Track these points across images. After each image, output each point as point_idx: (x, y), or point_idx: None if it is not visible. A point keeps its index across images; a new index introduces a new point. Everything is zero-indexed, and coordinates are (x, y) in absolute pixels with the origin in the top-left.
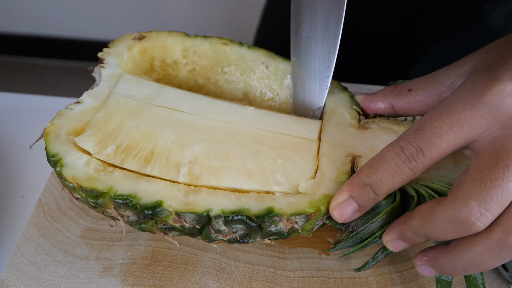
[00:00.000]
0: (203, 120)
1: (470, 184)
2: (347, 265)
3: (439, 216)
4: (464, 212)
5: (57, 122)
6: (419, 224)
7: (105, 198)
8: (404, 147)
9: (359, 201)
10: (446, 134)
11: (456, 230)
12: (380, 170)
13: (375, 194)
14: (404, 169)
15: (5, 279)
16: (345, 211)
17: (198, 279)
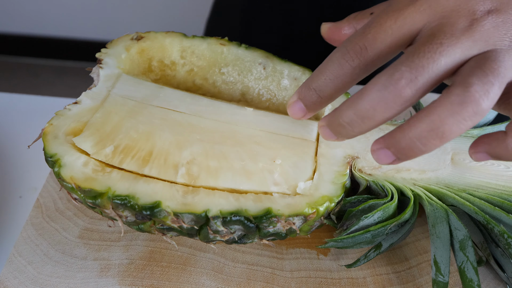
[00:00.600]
0: (201, 121)
1: (403, 56)
2: (341, 265)
3: (369, 88)
4: (395, 76)
5: (55, 123)
6: (351, 102)
7: (103, 199)
8: (349, 46)
9: (305, 102)
10: (390, 28)
11: (386, 98)
12: (324, 72)
13: (319, 97)
14: (346, 68)
15: (3, 279)
16: (294, 110)
17: (196, 279)
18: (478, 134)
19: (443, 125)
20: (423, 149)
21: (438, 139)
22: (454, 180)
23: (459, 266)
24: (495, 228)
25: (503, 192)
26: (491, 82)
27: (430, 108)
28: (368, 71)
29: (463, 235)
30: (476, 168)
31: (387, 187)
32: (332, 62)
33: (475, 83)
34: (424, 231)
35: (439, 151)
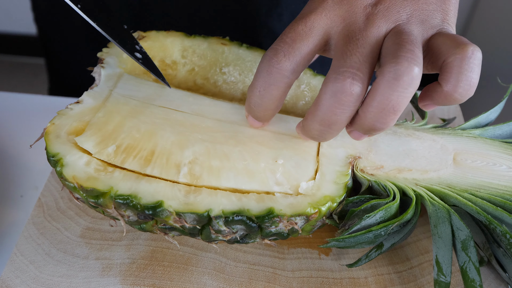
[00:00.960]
0: (203, 121)
1: (335, 62)
2: (342, 264)
3: (322, 98)
4: (339, 79)
5: (57, 122)
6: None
7: (106, 198)
8: (272, 53)
9: (255, 117)
10: (303, 31)
11: (340, 101)
12: (256, 86)
13: (261, 110)
14: (275, 73)
15: (5, 278)
16: (251, 122)
17: (197, 279)
18: (480, 134)
19: (390, 102)
20: (384, 126)
21: (392, 113)
22: (456, 180)
23: (461, 266)
24: (497, 228)
25: (505, 193)
26: (411, 49)
27: (373, 92)
28: (296, 72)
29: (465, 235)
30: (478, 168)
31: (389, 187)
32: (260, 71)
33: (399, 55)
34: (425, 231)
35: (440, 151)
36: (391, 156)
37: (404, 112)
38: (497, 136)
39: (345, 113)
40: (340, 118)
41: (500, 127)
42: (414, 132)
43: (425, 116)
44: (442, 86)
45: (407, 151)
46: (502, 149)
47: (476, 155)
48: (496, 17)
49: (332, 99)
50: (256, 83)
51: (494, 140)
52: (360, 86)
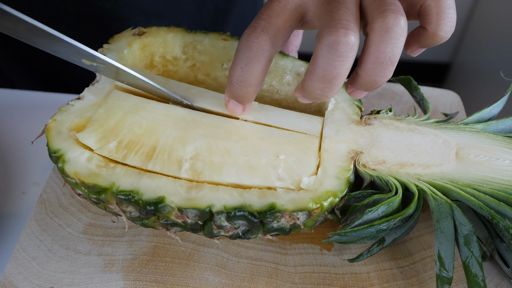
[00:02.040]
0: (205, 116)
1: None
2: (344, 259)
3: (319, 54)
4: (332, 31)
5: (58, 118)
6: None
7: (107, 194)
8: (250, 29)
9: (235, 98)
10: (278, 7)
11: (337, 52)
12: (237, 62)
13: (243, 88)
14: (255, 48)
15: (8, 274)
16: (231, 108)
17: (199, 274)
18: (483, 129)
19: (386, 54)
20: (384, 79)
21: (390, 65)
22: (458, 175)
23: (464, 261)
24: (500, 223)
25: (508, 187)
26: (393, 2)
27: (368, 48)
28: (275, 45)
29: (467, 230)
30: (481, 163)
31: (391, 182)
32: (240, 49)
33: (385, 9)
34: (427, 226)
35: (443, 146)
36: (393, 151)
37: (407, 107)
38: (500, 131)
39: (343, 64)
40: (340, 71)
41: (503, 122)
42: (416, 127)
43: (428, 111)
44: (426, 28)
45: (410, 146)
46: (505, 143)
47: (478, 150)
48: (498, 11)
49: (329, 52)
50: (237, 60)
51: (497, 135)
52: (354, 35)
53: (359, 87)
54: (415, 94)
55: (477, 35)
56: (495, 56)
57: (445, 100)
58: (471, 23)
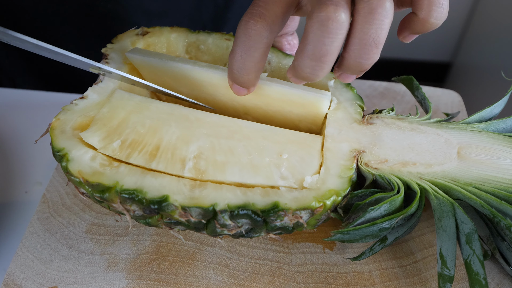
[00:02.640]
0: (208, 115)
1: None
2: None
3: (309, 31)
4: (322, 8)
5: (62, 117)
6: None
7: (111, 193)
8: (247, 17)
9: (238, 83)
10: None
11: (327, 29)
12: (236, 51)
13: (245, 75)
14: (253, 35)
15: (11, 274)
16: (236, 91)
17: (202, 273)
18: (484, 128)
19: (370, 36)
20: (369, 61)
21: (374, 47)
22: (460, 174)
23: (465, 260)
24: (501, 221)
25: (509, 186)
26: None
27: (352, 30)
28: (273, 31)
29: (469, 229)
30: (482, 162)
31: (393, 181)
32: (239, 36)
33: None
34: (429, 225)
35: (445, 145)
36: (395, 150)
37: (408, 106)
38: (501, 130)
39: (334, 42)
40: (330, 48)
41: (504, 121)
42: (418, 127)
43: (429, 110)
44: (418, 14)
45: (411, 145)
46: (506, 143)
47: (480, 149)
48: (499, 10)
49: (319, 29)
50: (236, 48)
51: (498, 134)
52: (344, 12)
53: (346, 70)
54: (417, 93)
55: (478, 34)
56: (496, 56)
57: (446, 100)
58: (472, 22)
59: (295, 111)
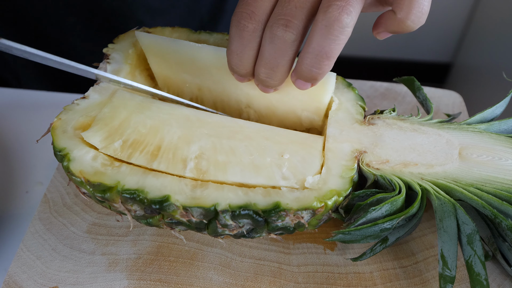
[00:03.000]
0: (209, 115)
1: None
2: (347, 258)
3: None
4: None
5: (63, 117)
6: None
7: (113, 193)
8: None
9: (239, 75)
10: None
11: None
12: (231, 51)
13: (242, 71)
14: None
15: (12, 274)
16: (237, 79)
17: (203, 274)
18: (485, 129)
19: (323, 48)
20: (320, 72)
21: (326, 59)
22: (461, 174)
23: (467, 260)
24: (503, 222)
25: (511, 187)
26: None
27: (309, 39)
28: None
29: (470, 230)
30: (484, 162)
31: (394, 181)
32: (233, 37)
33: (330, 4)
34: (430, 226)
35: (446, 146)
36: (396, 150)
37: (409, 107)
38: (503, 131)
39: (283, 57)
40: (281, 61)
41: (505, 122)
42: (419, 127)
43: (431, 111)
44: (396, 13)
45: (413, 146)
46: (507, 143)
47: (481, 150)
48: (500, 10)
49: (270, 45)
50: (232, 48)
51: (499, 135)
52: (292, 33)
53: (299, 75)
54: (418, 94)
55: (478, 34)
56: (497, 56)
57: (447, 101)
58: (472, 22)
59: (299, 97)
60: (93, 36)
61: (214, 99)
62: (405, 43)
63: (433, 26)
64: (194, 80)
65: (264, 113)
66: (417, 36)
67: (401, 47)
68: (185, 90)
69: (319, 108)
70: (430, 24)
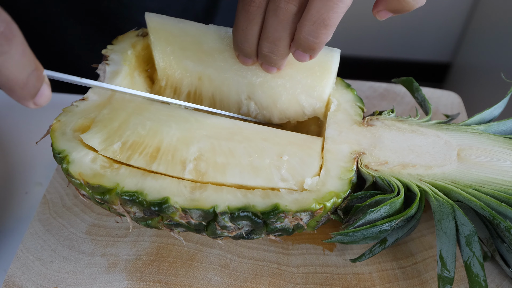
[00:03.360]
0: (208, 117)
1: None
2: (346, 259)
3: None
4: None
5: (63, 119)
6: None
7: (112, 195)
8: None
9: (244, 54)
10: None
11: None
12: (238, 26)
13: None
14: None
15: (11, 275)
16: (242, 61)
17: (203, 275)
18: (484, 130)
19: (321, 15)
20: (317, 40)
21: (323, 28)
22: (460, 176)
23: (465, 261)
24: (501, 223)
25: (509, 188)
26: None
27: (307, 7)
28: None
29: (469, 231)
30: (482, 164)
31: (393, 182)
32: (240, 12)
33: None
34: (429, 226)
35: (445, 147)
36: (395, 151)
37: (408, 107)
38: (501, 132)
39: (285, 30)
40: (283, 34)
41: (504, 123)
42: (418, 128)
43: (429, 112)
44: None
45: (411, 147)
46: (506, 144)
47: (480, 151)
48: (499, 11)
49: (272, 17)
50: (238, 23)
51: (498, 136)
52: (295, 5)
53: (298, 46)
54: (417, 95)
55: (477, 34)
56: (496, 56)
57: (446, 101)
58: (471, 22)
59: (303, 81)
60: (91, 36)
61: (214, 90)
62: (404, 42)
63: (432, 25)
64: (196, 68)
65: (265, 104)
66: (416, 36)
67: (400, 47)
68: (185, 80)
69: (323, 92)
70: (429, 24)
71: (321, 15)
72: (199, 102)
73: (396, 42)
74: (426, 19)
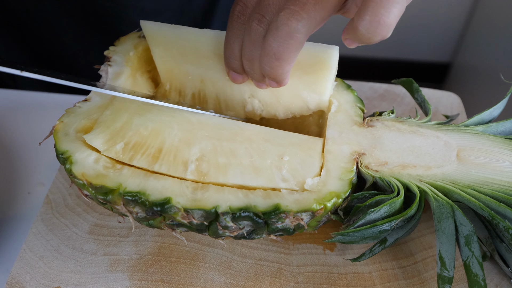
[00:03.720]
0: (210, 118)
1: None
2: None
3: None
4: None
5: (65, 120)
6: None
7: (115, 195)
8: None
9: (234, 70)
10: None
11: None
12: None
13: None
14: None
15: (15, 274)
16: (233, 78)
17: (204, 274)
18: (483, 131)
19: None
20: (272, 71)
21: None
22: (459, 176)
23: (465, 261)
24: (500, 223)
25: (508, 188)
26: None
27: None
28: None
29: (468, 231)
30: (481, 164)
31: (393, 183)
32: (233, 29)
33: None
34: (429, 226)
35: (444, 148)
36: (395, 152)
37: (408, 108)
38: (500, 133)
39: (257, 50)
40: (254, 54)
41: (503, 124)
42: (418, 129)
43: (429, 113)
44: (355, 23)
45: (411, 148)
46: (505, 145)
47: (479, 152)
48: (499, 11)
49: (247, 37)
50: (226, 38)
51: (497, 137)
52: (263, 28)
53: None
54: (417, 96)
55: (477, 35)
56: (495, 57)
57: (446, 102)
58: (471, 23)
59: (303, 78)
60: (87, 37)
61: (217, 91)
62: (404, 43)
63: (432, 26)
64: (197, 71)
65: (268, 101)
66: (416, 36)
67: (400, 47)
68: (188, 83)
69: (325, 87)
70: (429, 24)
71: (272, 49)
72: (204, 103)
73: (396, 43)
74: (426, 19)
